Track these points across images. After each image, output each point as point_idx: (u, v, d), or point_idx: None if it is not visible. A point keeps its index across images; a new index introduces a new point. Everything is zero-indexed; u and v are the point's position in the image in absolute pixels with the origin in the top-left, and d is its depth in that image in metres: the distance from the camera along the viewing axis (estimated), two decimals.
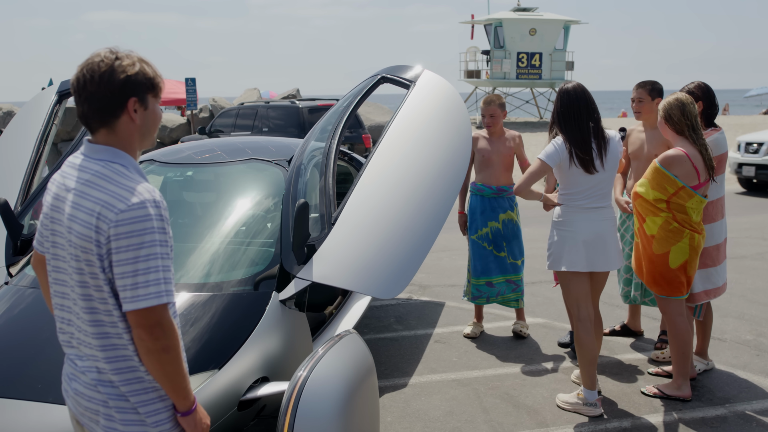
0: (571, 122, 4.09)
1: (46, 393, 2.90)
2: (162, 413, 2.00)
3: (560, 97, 4.16)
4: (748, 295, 6.58)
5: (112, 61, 1.94)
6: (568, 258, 4.15)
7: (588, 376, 4.17)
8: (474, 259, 5.45)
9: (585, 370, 4.18)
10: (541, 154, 4.11)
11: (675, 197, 4.12)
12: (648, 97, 4.91)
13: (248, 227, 4.20)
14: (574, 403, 4.23)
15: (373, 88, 4.54)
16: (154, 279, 1.87)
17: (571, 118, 4.10)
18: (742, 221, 10.15)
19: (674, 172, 4.10)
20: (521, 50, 32.45)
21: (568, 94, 4.14)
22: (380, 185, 3.84)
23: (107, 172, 1.94)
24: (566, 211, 4.18)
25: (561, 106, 4.13)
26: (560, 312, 5.92)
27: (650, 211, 4.20)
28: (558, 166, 4.11)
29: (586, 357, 4.16)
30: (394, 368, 4.94)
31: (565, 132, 4.10)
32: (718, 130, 4.52)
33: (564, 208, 4.19)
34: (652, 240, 4.21)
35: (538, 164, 4.10)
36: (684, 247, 4.16)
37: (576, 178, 4.11)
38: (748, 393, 4.47)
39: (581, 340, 4.17)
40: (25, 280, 3.77)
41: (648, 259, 4.27)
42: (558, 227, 4.21)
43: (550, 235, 4.25)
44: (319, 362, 2.91)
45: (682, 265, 4.19)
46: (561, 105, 4.14)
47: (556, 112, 4.16)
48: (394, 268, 3.52)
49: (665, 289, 4.25)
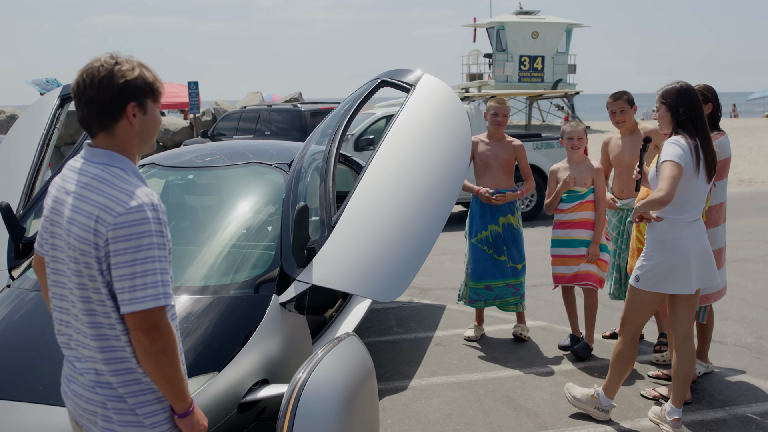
0: (703, 122, 3.79)
1: (47, 395, 2.92)
2: (160, 415, 2.02)
3: (685, 95, 3.82)
4: (748, 298, 6.58)
5: (111, 66, 1.96)
6: (676, 280, 3.84)
7: (614, 385, 4.10)
8: (472, 262, 5.45)
9: (615, 378, 4.09)
10: (671, 156, 3.68)
11: None
12: (628, 106, 5.01)
13: (249, 230, 4.22)
14: (585, 402, 4.19)
15: (373, 91, 4.56)
16: (151, 281, 1.89)
17: (702, 118, 3.80)
18: (743, 224, 10.14)
19: None
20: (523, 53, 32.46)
21: (694, 93, 3.84)
22: (380, 188, 3.86)
23: (106, 175, 1.96)
24: (673, 227, 3.82)
25: (691, 102, 3.80)
26: (561, 315, 5.93)
27: None
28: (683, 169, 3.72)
29: (622, 368, 4.05)
30: (394, 371, 4.95)
31: (699, 133, 3.77)
32: (722, 134, 4.52)
33: (669, 223, 3.83)
34: None
35: (675, 167, 3.66)
36: None
37: (693, 184, 3.77)
38: (748, 396, 4.47)
39: (627, 354, 4.02)
40: (27, 283, 3.79)
41: None
42: (664, 247, 3.83)
43: (652, 254, 3.89)
44: (318, 365, 2.92)
45: None
46: (690, 102, 3.80)
47: (682, 110, 3.79)
48: (394, 271, 3.53)
49: None
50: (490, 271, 5.39)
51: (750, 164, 18.11)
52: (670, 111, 3.85)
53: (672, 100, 3.84)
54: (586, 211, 5.16)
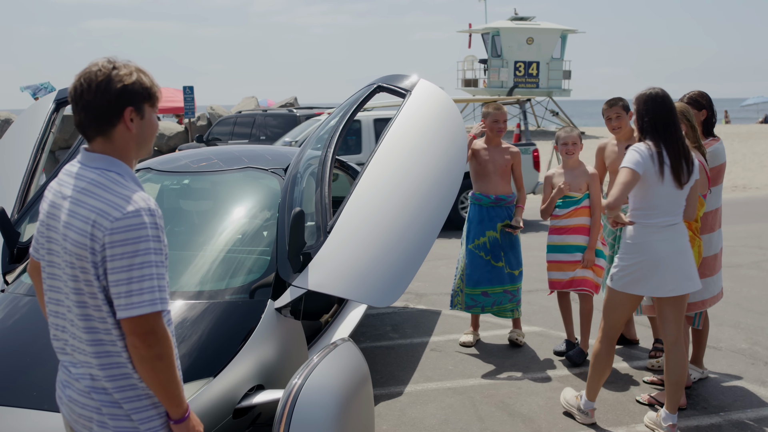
0: (670, 128, 3.83)
1: (41, 401, 2.91)
2: (155, 420, 2.01)
3: (650, 100, 3.87)
4: (743, 304, 6.59)
5: (109, 70, 1.96)
6: (647, 282, 3.89)
7: (594, 388, 4.14)
8: (469, 268, 5.44)
9: (593, 381, 4.14)
10: (626, 163, 3.78)
11: None
12: (623, 112, 5.01)
13: (244, 235, 4.21)
14: (571, 404, 4.26)
15: (369, 97, 4.56)
16: (148, 287, 1.89)
17: (668, 124, 3.83)
18: (738, 230, 10.18)
19: None
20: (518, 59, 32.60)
21: (659, 97, 3.87)
22: (376, 194, 3.86)
23: (103, 180, 1.96)
24: (644, 231, 3.88)
25: (655, 108, 3.84)
26: (556, 320, 5.93)
27: None
28: (642, 176, 3.79)
29: (599, 372, 4.10)
30: (389, 376, 4.94)
31: (663, 139, 3.81)
32: (717, 140, 4.54)
33: (640, 227, 3.89)
34: None
35: (629, 174, 3.75)
36: (695, 255, 4.16)
37: (659, 190, 3.82)
38: (743, 401, 4.48)
39: (602, 357, 4.08)
40: (21, 288, 3.77)
41: None
42: (634, 250, 3.89)
43: (624, 256, 3.95)
44: (314, 370, 2.91)
45: None
46: (655, 108, 3.84)
47: (646, 118, 3.85)
48: (389, 276, 3.53)
49: None
50: (487, 278, 5.38)
51: (744, 170, 18.17)
52: (635, 116, 3.95)
53: (638, 106, 3.92)
54: (582, 217, 5.17)
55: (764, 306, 6.54)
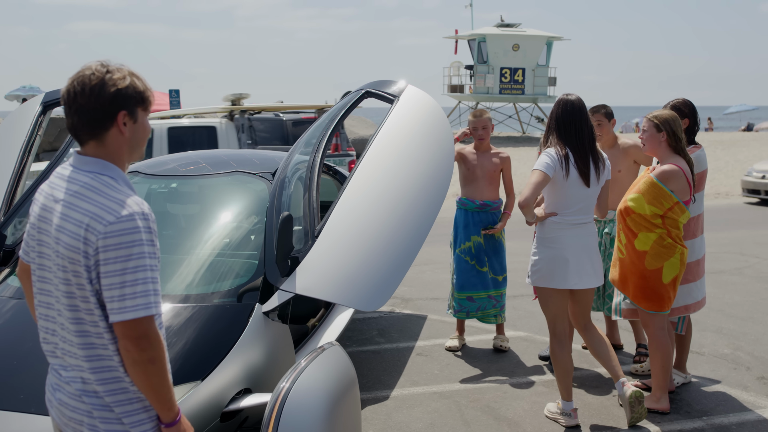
0: (572, 131, 4.11)
1: (28, 403, 2.90)
2: (146, 424, 2.01)
3: (561, 106, 4.16)
4: (726, 310, 6.67)
5: (102, 74, 1.96)
6: (556, 275, 4.16)
7: (564, 387, 4.25)
8: (456, 272, 5.48)
9: (561, 382, 4.26)
10: (539, 165, 4.07)
11: (670, 212, 4.17)
12: (605, 119, 5.07)
13: (232, 239, 4.22)
14: (554, 412, 4.31)
15: (357, 102, 4.58)
16: (141, 290, 1.89)
17: (572, 127, 4.11)
18: (720, 236, 10.28)
19: (671, 187, 4.15)
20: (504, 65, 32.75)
21: (570, 103, 4.15)
22: (364, 199, 3.88)
23: (96, 184, 1.96)
24: (555, 227, 4.17)
25: (563, 114, 4.13)
26: (541, 325, 5.97)
27: (644, 227, 4.21)
28: (552, 177, 4.07)
29: (561, 369, 4.25)
30: (376, 381, 4.95)
31: (566, 140, 4.11)
32: (699, 147, 4.60)
33: (551, 223, 4.18)
34: (644, 255, 4.21)
35: (539, 175, 4.03)
36: (676, 262, 4.21)
37: (568, 191, 4.11)
38: (726, 406, 4.53)
39: (556, 354, 4.26)
40: (7, 291, 3.76)
41: (639, 274, 4.27)
42: (545, 244, 4.20)
43: (536, 251, 4.25)
44: (301, 374, 2.92)
45: (673, 279, 4.24)
46: (563, 113, 4.13)
47: (556, 121, 4.15)
48: (376, 280, 3.54)
49: (655, 305, 4.27)
50: (473, 282, 5.42)
51: (727, 177, 18.34)
52: (549, 118, 4.28)
53: (553, 110, 4.23)
54: None
55: (746, 312, 6.62)
